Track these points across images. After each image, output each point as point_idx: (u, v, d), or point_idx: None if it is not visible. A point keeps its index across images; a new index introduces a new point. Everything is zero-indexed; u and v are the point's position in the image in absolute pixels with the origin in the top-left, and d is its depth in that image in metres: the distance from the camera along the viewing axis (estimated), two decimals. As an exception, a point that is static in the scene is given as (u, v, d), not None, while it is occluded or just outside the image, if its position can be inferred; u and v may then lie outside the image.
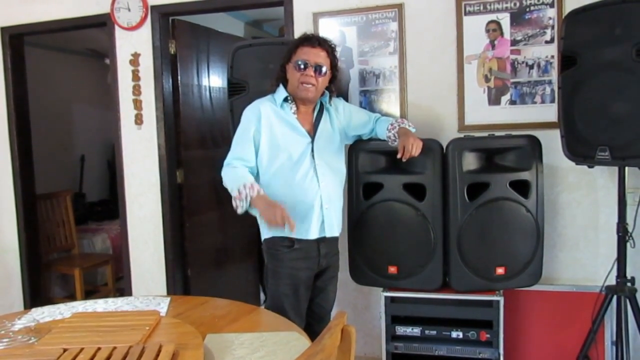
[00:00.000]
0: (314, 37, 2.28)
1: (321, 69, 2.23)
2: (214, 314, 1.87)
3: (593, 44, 2.30)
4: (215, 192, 3.65)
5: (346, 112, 2.46)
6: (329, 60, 2.27)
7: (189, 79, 3.47)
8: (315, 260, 2.31)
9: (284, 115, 2.28)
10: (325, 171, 2.29)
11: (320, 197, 2.26)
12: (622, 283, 2.42)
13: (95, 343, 1.45)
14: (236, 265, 3.79)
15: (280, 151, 2.26)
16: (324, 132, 2.33)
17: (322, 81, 2.26)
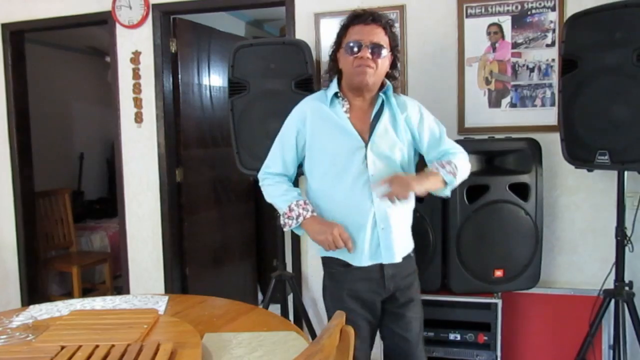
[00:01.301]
0: (366, 13, 1.86)
1: (380, 49, 1.82)
2: (212, 313, 1.86)
3: (594, 48, 2.31)
4: (214, 191, 3.65)
5: (418, 118, 1.96)
6: (388, 39, 1.86)
7: (190, 77, 3.47)
8: (378, 282, 1.91)
9: (332, 114, 1.90)
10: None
11: (373, 216, 1.86)
12: (620, 287, 2.42)
13: (93, 341, 1.45)
14: (235, 265, 3.79)
15: (326, 158, 1.90)
16: (383, 135, 1.88)
17: (382, 64, 1.85)
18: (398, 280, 1.94)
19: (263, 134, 2.70)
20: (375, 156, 1.87)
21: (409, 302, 1.98)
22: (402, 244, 1.94)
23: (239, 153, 2.74)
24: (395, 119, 1.92)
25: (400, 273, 1.94)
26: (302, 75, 2.67)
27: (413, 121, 1.95)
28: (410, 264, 2.00)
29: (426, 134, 1.97)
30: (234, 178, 3.08)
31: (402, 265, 1.94)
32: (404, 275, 1.95)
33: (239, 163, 2.75)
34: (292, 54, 2.69)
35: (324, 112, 1.92)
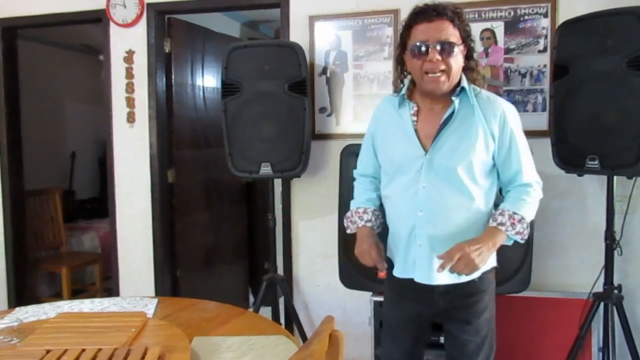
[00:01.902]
0: (429, 8, 1.63)
1: (451, 47, 1.61)
2: (202, 317, 1.85)
3: (585, 54, 2.32)
4: (206, 192, 3.64)
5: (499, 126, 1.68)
6: (458, 31, 1.63)
7: (183, 78, 3.46)
8: (427, 296, 1.76)
9: (398, 117, 1.76)
10: (434, 198, 1.68)
11: (414, 231, 1.72)
12: (609, 290, 2.44)
13: (79, 344, 1.43)
14: (226, 267, 3.78)
15: (387, 163, 1.80)
16: (447, 143, 1.66)
17: (455, 62, 1.62)
18: (453, 299, 1.75)
19: (256, 136, 2.70)
20: (432, 167, 1.67)
21: (465, 324, 1.77)
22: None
23: (232, 155, 2.74)
24: (471, 125, 1.66)
25: (457, 291, 1.73)
26: (296, 78, 2.67)
27: (492, 130, 1.67)
28: (475, 285, 1.74)
29: (503, 149, 1.69)
30: (226, 180, 3.07)
31: (461, 284, 1.72)
32: (462, 295, 1.74)
33: (231, 165, 2.75)
34: (286, 56, 2.69)
35: (392, 115, 1.78)
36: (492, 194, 1.77)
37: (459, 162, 1.65)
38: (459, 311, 1.77)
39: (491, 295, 1.82)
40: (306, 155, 2.74)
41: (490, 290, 1.81)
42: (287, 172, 2.74)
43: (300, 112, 2.69)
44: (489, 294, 1.80)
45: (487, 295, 1.79)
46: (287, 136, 2.70)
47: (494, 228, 1.66)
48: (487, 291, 1.79)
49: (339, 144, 2.90)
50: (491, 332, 1.83)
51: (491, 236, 1.65)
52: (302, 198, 3.11)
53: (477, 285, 1.75)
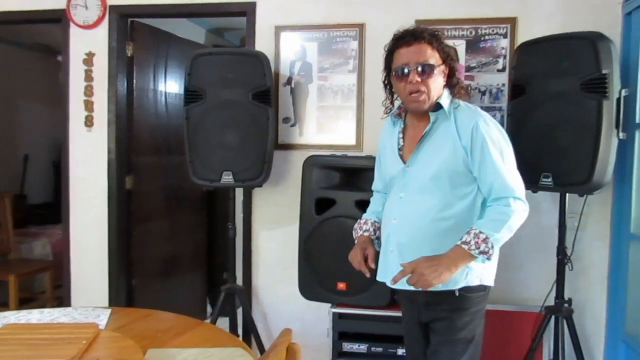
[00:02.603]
0: (407, 33, 1.77)
1: (430, 68, 1.73)
2: (158, 328, 1.81)
3: (541, 75, 2.41)
4: (166, 199, 3.57)
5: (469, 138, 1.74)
6: (437, 52, 1.77)
7: (145, 83, 3.40)
8: (412, 304, 1.89)
9: (392, 136, 1.92)
10: (407, 207, 1.79)
11: (389, 238, 1.85)
12: (560, 304, 2.53)
13: (26, 358, 1.38)
14: (184, 276, 3.71)
15: (387, 179, 1.95)
16: (424, 155, 1.79)
17: (435, 82, 1.76)
18: (434, 312, 1.82)
19: (218, 144, 2.68)
20: (408, 178, 1.81)
21: (441, 338, 1.83)
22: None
23: (193, 163, 2.70)
24: (445, 138, 1.76)
25: (436, 304, 1.81)
26: (260, 87, 2.66)
27: (463, 142, 1.74)
28: (455, 299, 1.77)
29: (475, 161, 1.74)
30: (187, 187, 3.02)
31: (439, 298, 1.78)
32: (442, 309, 1.80)
33: (192, 173, 2.71)
34: (251, 65, 2.68)
35: (389, 133, 1.95)
36: (472, 205, 1.78)
37: (430, 173, 1.76)
38: (438, 324, 1.83)
39: (474, 316, 1.81)
40: (268, 164, 2.73)
41: (474, 310, 1.81)
42: (249, 181, 2.72)
43: (264, 121, 2.68)
44: (472, 314, 1.80)
45: (468, 314, 1.80)
46: (250, 145, 2.68)
47: (458, 247, 1.69)
48: (468, 310, 1.80)
49: (302, 154, 2.91)
50: (470, 353, 1.81)
51: (453, 254, 1.69)
52: (264, 208, 3.09)
53: (457, 301, 1.78)
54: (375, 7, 2.90)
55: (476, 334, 1.83)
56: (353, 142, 2.95)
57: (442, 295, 1.77)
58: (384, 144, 1.97)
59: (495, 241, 1.69)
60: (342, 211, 2.65)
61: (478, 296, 1.81)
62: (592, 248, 2.75)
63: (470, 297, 1.79)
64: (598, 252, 2.76)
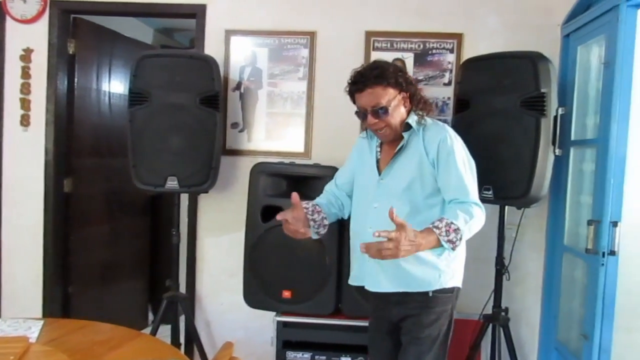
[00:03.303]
0: (357, 79, 1.90)
1: (383, 110, 1.86)
2: (94, 340, 1.75)
3: (485, 91, 2.50)
4: (107, 203, 3.45)
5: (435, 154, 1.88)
6: (389, 87, 1.86)
7: (88, 82, 3.27)
8: (384, 305, 1.99)
9: (367, 148, 2.06)
10: (382, 216, 1.83)
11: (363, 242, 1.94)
12: (497, 312, 2.62)
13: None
14: (125, 283, 3.58)
15: (357, 187, 2.07)
16: (397, 169, 1.92)
17: (393, 116, 1.88)
18: (404, 310, 1.92)
19: (163, 148, 2.61)
20: (383, 189, 1.93)
21: (413, 337, 1.92)
22: (395, 276, 1.88)
23: (136, 167, 2.63)
24: (414, 153, 1.90)
25: (407, 303, 1.90)
26: (208, 92, 2.62)
27: (430, 157, 1.88)
28: (422, 298, 1.88)
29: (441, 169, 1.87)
30: (130, 191, 2.90)
31: (411, 297, 1.89)
32: (412, 307, 1.91)
33: (135, 177, 2.63)
34: (200, 68, 2.63)
35: (365, 145, 2.07)
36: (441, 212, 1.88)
37: (403, 185, 1.90)
38: (407, 322, 1.94)
39: (441, 315, 1.92)
40: (215, 170, 2.68)
41: (440, 310, 1.91)
42: (195, 187, 2.67)
43: (211, 126, 2.63)
44: (438, 313, 1.91)
45: (434, 313, 1.90)
46: (196, 150, 2.63)
47: (429, 229, 1.75)
48: (434, 309, 1.90)
49: (250, 160, 2.89)
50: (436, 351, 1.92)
51: (424, 236, 1.72)
52: (210, 214, 3.04)
53: (425, 300, 1.89)
54: (327, 16, 2.92)
55: (442, 333, 1.92)
56: (302, 149, 2.96)
57: (413, 294, 1.89)
58: (360, 154, 2.09)
59: (462, 236, 1.77)
60: (289, 219, 2.64)
61: (445, 297, 1.92)
62: (528, 258, 2.87)
63: (439, 297, 1.90)
64: (534, 263, 2.88)
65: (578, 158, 2.60)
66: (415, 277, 1.88)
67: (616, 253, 2.18)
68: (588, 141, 2.48)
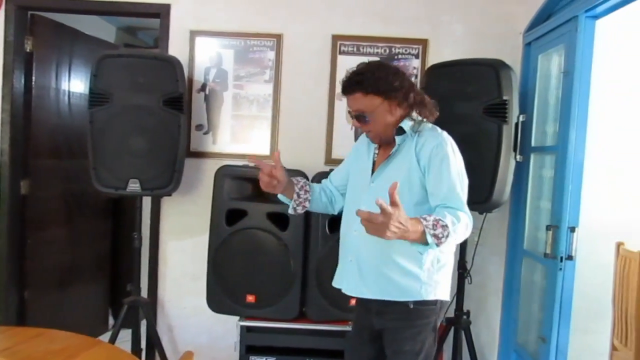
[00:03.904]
0: (344, 84, 1.87)
1: (363, 115, 1.85)
2: (48, 349, 1.69)
3: (449, 97, 2.49)
4: (66, 206, 3.34)
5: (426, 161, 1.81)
6: (371, 94, 1.82)
7: (46, 81, 3.16)
8: (366, 313, 1.94)
9: (365, 151, 2.02)
10: None
11: (349, 247, 1.94)
12: (459, 316, 2.65)
13: None
14: (84, 288, 3.48)
15: (350, 187, 2.04)
16: (387, 173, 1.87)
17: (378, 121, 1.84)
18: (385, 321, 1.88)
19: (124, 150, 2.56)
20: (372, 193, 1.84)
21: (395, 351, 1.86)
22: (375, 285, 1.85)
23: (96, 169, 2.56)
24: (406, 158, 1.85)
25: (388, 313, 1.86)
26: (172, 93, 2.58)
27: (421, 164, 1.82)
28: (404, 309, 1.82)
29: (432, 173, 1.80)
30: (90, 193, 2.82)
31: (391, 308, 1.84)
32: (392, 318, 1.86)
33: (96, 180, 2.57)
34: (163, 69, 2.59)
35: (364, 147, 2.04)
36: None
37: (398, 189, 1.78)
38: (388, 333, 1.89)
39: (422, 328, 1.84)
40: (179, 173, 2.64)
41: (422, 323, 1.83)
42: (158, 189, 2.62)
43: (175, 128, 2.59)
44: (420, 326, 1.83)
45: (416, 326, 1.82)
46: (159, 152, 2.58)
47: (417, 219, 1.64)
48: (416, 322, 1.82)
49: (215, 163, 2.85)
50: None
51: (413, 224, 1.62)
52: (173, 217, 2.99)
53: (405, 312, 1.82)
54: (294, 19, 2.91)
55: (425, 346, 1.85)
56: (267, 152, 2.94)
57: (393, 304, 1.83)
58: (358, 155, 2.05)
59: (449, 234, 1.66)
60: (253, 223, 2.63)
61: (429, 309, 1.84)
62: (489, 262, 2.93)
63: (421, 309, 1.83)
64: (495, 267, 2.94)
65: (538, 164, 2.66)
66: (395, 286, 1.82)
67: (573, 258, 2.25)
68: (547, 148, 2.55)
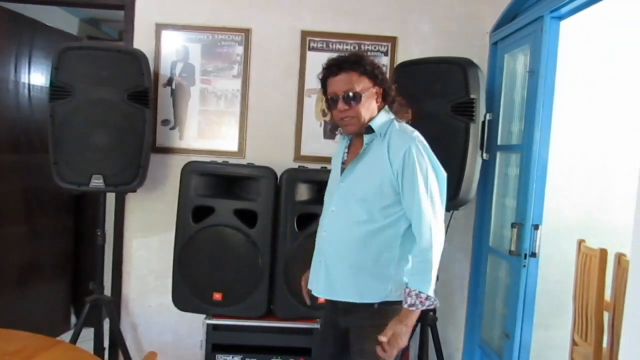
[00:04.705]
0: (332, 64, 1.81)
1: (356, 96, 1.77)
2: (5, 350, 1.63)
3: (417, 95, 2.48)
4: (25, 202, 3.23)
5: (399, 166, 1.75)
6: (364, 77, 1.79)
7: (5, 73, 3.04)
8: (333, 311, 1.93)
9: (339, 148, 1.99)
10: (336, 220, 1.85)
11: (320, 249, 1.93)
12: (425, 312, 2.65)
13: None
14: (45, 286, 3.38)
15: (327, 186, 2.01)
16: (356, 174, 1.83)
17: (364, 107, 1.79)
18: (351, 320, 1.87)
19: (87, 145, 2.48)
20: (341, 193, 1.85)
21: (360, 349, 1.84)
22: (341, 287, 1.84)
23: (57, 164, 2.48)
24: (377, 158, 1.79)
25: (355, 313, 1.84)
26: (137, 87, 2.51)
27: (395, 167, 1.76)
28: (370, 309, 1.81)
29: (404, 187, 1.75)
30: (52, 188, 2.73)
31: (356, 308, 1.82)
32: (359, 317, 1.84)
33: (57, 175, 2.49)
34: (128, 63, 2.52)
35: (338, 147, 2.01)
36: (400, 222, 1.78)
37: (360, 192, 1.81)
38: (353, 333, 1.88)
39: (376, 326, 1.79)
40: (144, 168, 2.58)
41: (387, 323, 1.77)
42: (122, 185, 2.55)
43: (140, 123, 2.52)
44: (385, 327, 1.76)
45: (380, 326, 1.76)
46: (124, 147, 2.52)
47: (406, 310, 1.71)
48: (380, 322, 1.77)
49: (182, 159, 2.81)
50: None
51: (404, 318, 1.70)
52: (138, 214, 2.93)
53: (371, 312, 1.80)
54: (263, 14, 2.88)
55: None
56: (236, 148, 2.90)
57: (359, 304, 1.81)
58: (336, 153, 2.03)
59: (431, 293, 1.71)
60: (220, 220, 2.59)
61: (393, 309, 1.78)
62: (455, 260, 2.96)
63: (386, 309, 1.79)
64: (461, 264, 2.98)
65: (504, 163, 2.70)
66: (361, 288, 1.81)
67: (537, 255, 2.29)
68: (513, 147, 2.59)
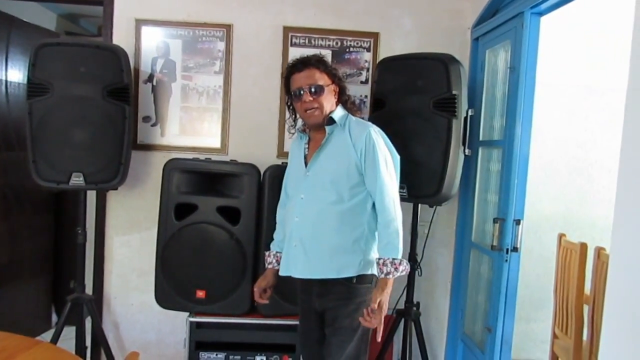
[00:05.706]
0: (297, 62, 2.07)
1: (319, 88, 2.01)
2: (-18, 351, 1.60)
3: (399, 90, 2.54)
4: (4, 200, 3.18)
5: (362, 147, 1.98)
6: (325, 74, 2.06)
7: (-19, 69, 2.99)
8: (309, 295, 2.10)
9: (298, 146, 2.18)
10: (307, 205, 2.03)
11: (291, 234, 2.06)
12: (409, 307, 2.69)
13: None
14: (24, 284, 3.33)
15: (289, 184, 2.21)
16: (322, 161, 2.04)
17: (326, 99, 2.03)
18: (326, 302, 2.03)
19: (66, 142, 2.44)
20: (309, 181, 2.04)
21: (334, 328, 2.02)
22: (313, 264, 2.00)
23: (36, 162, 2.44)
24: (341, 146, 2.02)
25: (328, 294, 2.02)
26: (117, 84, 2.48)
27: (358, 148, 1.99)
28: (343, 289, 1.99)
29: (367, 165, 1.99)
30: (30, 187, 2.68)
31: (331, 287, 2.00)
32: (332, 298, 2.01)
33: (35, 173, 2.44)
34: (107, 59, 2.48)
35: (295, 146, 2.20)
36: (365, 201, 2.00)
37: (328, 176, 2.01)
38: (327, 314, 2.04)
39: (360, 305, 1.97)
40: (125, 166, 2.54)
41: (359, 301, 1.99)
42: (102, 183, 2.52)
43: (120, 120, 2.49)
44: (357, 304, 1.99)
45: (353, 304, 1.99)
46: (104, 145, 2.48)
47: (383, 279, 1.92)
48: (353, 300, 1.99)
49: (163, 156, 2.78)
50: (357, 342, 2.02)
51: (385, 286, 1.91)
52: (119, 211, 2.90)
53: (343, 291, 2.00)
54: (245, 9, 2.85)
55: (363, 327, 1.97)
56: (218, 145, 2.88)
57: (330, 285, 1.99)
58: (292, 157, 2.22)
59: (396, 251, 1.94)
60: (203, 217, 2.58)
61: (364, 287, 2.00)
62: (438, 254, 2.98)
63: (358, 287, 2.00)
64: (443, 258, 3.00)
65: (486, 158, 2.72)
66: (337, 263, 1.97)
67: (518, 249, 2.32)
68: (494, 142, 2.60)
